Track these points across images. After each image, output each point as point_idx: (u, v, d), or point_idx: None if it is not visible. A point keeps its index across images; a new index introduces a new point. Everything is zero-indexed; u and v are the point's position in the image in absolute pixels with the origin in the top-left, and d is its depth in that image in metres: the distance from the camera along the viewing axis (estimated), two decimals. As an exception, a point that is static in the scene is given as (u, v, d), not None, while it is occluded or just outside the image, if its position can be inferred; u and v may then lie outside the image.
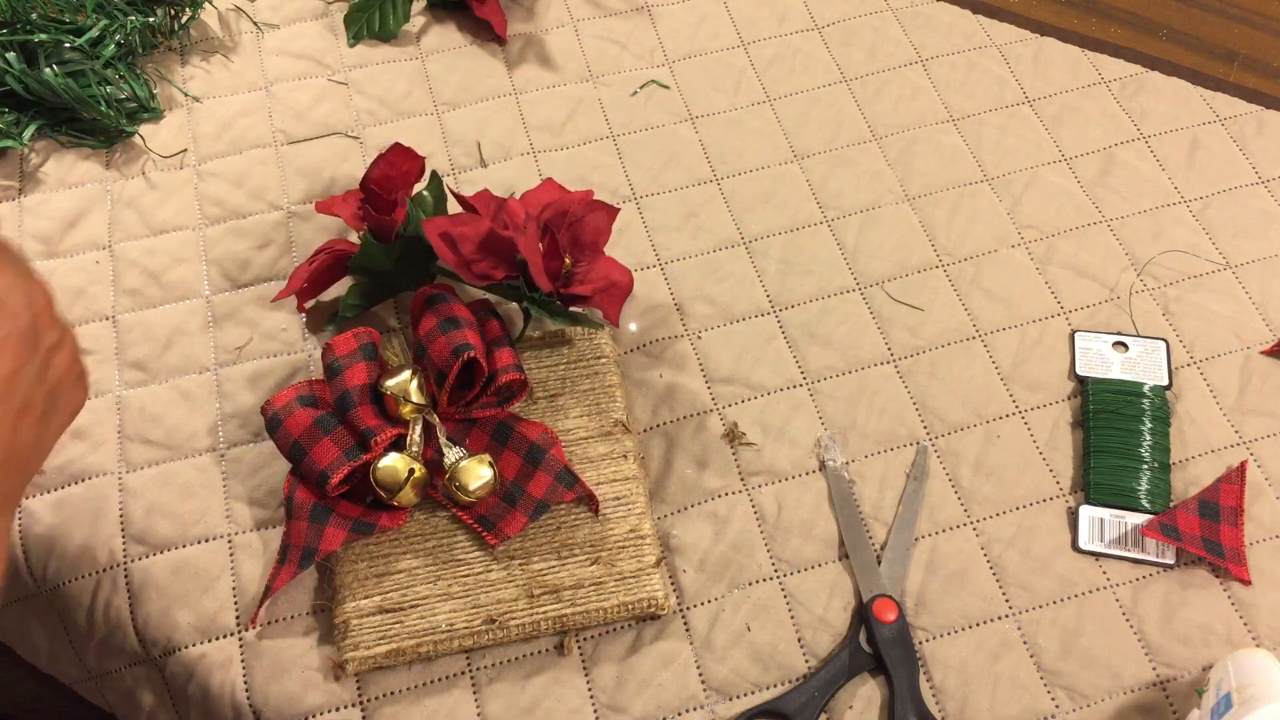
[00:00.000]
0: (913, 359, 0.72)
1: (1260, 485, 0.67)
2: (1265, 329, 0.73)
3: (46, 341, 0.48)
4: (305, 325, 0.73)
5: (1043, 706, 0.61)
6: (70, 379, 0.50)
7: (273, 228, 0.77)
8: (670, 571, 0.65)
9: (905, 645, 0.61)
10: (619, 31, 0.87)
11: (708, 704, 0.61)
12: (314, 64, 0.85)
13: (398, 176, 0.69)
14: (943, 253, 0.77)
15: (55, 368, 0.48)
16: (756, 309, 0.74)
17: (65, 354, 0.49)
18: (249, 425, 0.69)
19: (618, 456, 0.66)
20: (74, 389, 0.50)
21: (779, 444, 0.69)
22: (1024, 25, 0.88)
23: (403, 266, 0.70)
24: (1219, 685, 0.56)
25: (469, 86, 0.84)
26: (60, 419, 0.50)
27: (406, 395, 0.63)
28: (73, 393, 0.50)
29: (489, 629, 0.60)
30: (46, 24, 0.78)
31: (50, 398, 0.48)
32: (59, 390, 0.49)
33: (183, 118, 0.82)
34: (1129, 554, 0.65)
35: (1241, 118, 0.83)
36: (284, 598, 0.63)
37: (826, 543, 0.66)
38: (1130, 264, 0.76)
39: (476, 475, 0.62)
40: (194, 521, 0.66)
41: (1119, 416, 0.68)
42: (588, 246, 0.67)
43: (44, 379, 0.48)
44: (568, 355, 0.69)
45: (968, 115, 0.83)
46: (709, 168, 0.80)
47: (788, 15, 0.89)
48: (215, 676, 0.62)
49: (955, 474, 0.68)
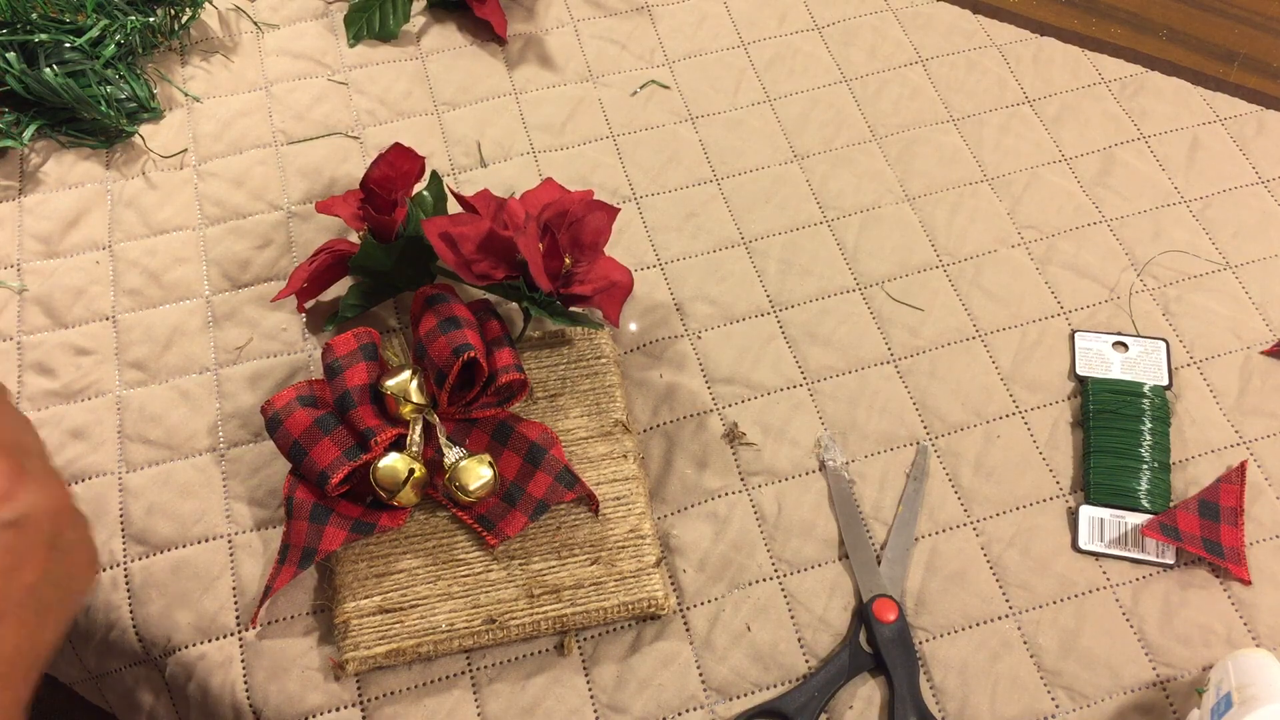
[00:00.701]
0: (913, 359, 0.72)
1: (1260, 485, 0.67)
2: (1265, 329, 0.73)
3: (67, 543, 0.49)
4: (305, 325, 0.73)
5: (1043, 706, 0.61)
6: (82, 565, 0.51)
7: (273, 228, 0.77)
8: (670, 571, 0.65)
9: (905, 645, 0.61)
10: (619, 31, 0.87)
11: (708, 704, 0.61)
12: (314, 64, 0.85)
13: (398, 176, 0.69)
14: (943, 253, 0.77)
15: (72, 563, 0.49)
16: (756, 309, 0.74)
17: (81, 547, 0.50)
18: (249, 425, 0.69)
19: (618, 456, 0.66)
20: (85, 573, 0.51)
21: (779, 444, 0.69)
22: (1024, 25, 0.88)
23: (403, 266, 0.70)
24: (1219, 685, 0.56)
25: (469, 86, 0.84)
26: (68, 613, 0.50)
27: (406, 395, 0.63)
28: (82, 579, 0.51)
29: (489, 629, 0.60)
30: (46, 24, 0.78)
31: (65, 593, 0.49)
32: (72, 579, 0.50)
33: (183, 118, 0.82)
34: (1129, 554, 0.65)
35: (1241, 118, 0.83)
36: (284, 598, 0.63)
37: (826, 543, 0.66)
38: (1130, 264, 0.76)
39: (476, 475, 0.62)
40: (194, 521, 0.66)
41: (1119, 416, 0.68)
42: (588, 246, 0.67)
43: (62, 578, 0.48)
44: (568, 355, 0.69)
45: (968, 115, 0.83)
46: (709, 168, 0.80)
47: (788, 15, 0.89)
48: (215, 676, 0.62)
49: (955, 474, 0.68)
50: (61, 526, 0.48)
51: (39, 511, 0.47)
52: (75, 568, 0.50)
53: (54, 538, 0.48)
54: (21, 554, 0.46)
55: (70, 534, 0.49)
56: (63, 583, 0.49)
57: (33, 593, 0.46)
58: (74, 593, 0.50)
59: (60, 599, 0.49)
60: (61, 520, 0.48)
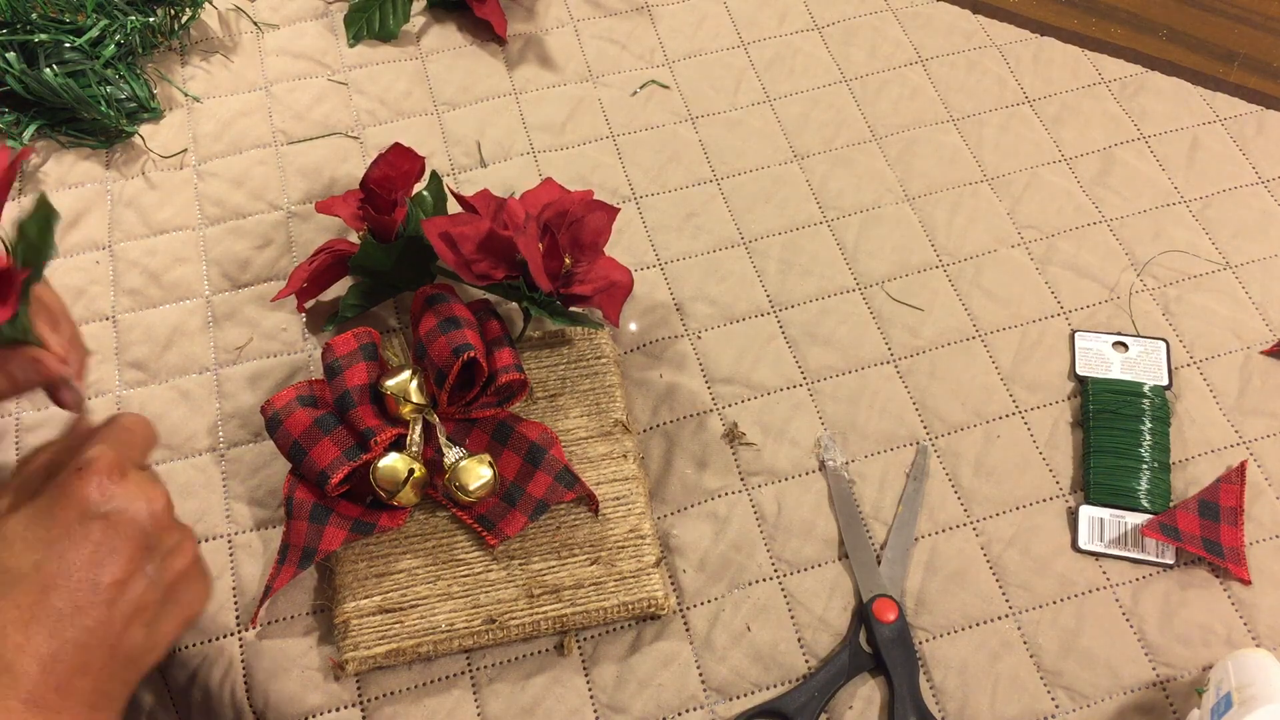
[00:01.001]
0: (913, 359, 0.72)
1: (1260, 485, 0.67)
2: (1265, 329, 0.73)
3: (164, 546, 0.50)
4: (305, 325, 0.73)
5: (1043, 706, 0.61)
6: (188, 579, 0.52)
7: (273, 228, 0.77)
8: (670, 571, 0.65)
9: (905, 645, 0.61)
10: (619, 31, 0.87)
11: (708, 704, 0.61)
12: (314, 64, 0.85)
13: (398, 176, 0.69)
14: (943, 253, 0.77)
15: (172, 570, 0.50)
16: (756, 309, 0.74)
17: (182, 558, 0.51)
18: (249, 425, 0.69)
19: (618, 456, 0.66)
20: (192, 588, 0.52)
21: (779, 444, 0.69)
22: (1024, 25, 0.88)
23: (403, 266, 0.70)
24: (1219, 685, 0.56)
25: (469, 86, 0.84)
26: (175, 620, 0.51)
27: (406, 395, 0.63)
28: (191, 592, 0.52)
29: (489, 629, 0.60)
30: (46, 24, 0.78)
31: (165, 599, 0.50)
32: (175, 592, 0.51)
33: (183, 118, 0.82)
34: (1129, 554, 0.65)
35: (1241, 118, 0.83)
36: (284, 598, 0.63)
37: (826, 543, 0.66)
38: (1130, 264, 0.76)
39: (476, 475, 0.62)
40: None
41: (1119, 416, 0.68)
42: (588, 246, 0.67)
43: (159, 581, 0.50)
44: (568, 355, 0.69)
45: (968, 115, 0.83)
46: (709, 168, 0.80)
47: (788, 15, 0.89)
48: (215, 676, 0.62)
49: (955, 474, 0.68)
50: (159, 529, 0.50)
51: (133, 509, 0.48)
52: (176, 576, 0.51)
53: (149, 538, 0.49)
54: (111, 548, 0.48)
55: (171, 539, 0.51)
56: (161, 587, 0.50)
57: (121, 589, 0.48)
58: (178, 603, 0.51)
59: (159, 605, 0.50)
60: (158, 523, 0.50)
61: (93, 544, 0.47)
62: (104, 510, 0.48)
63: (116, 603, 0.48)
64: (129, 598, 0.48)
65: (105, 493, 0.48)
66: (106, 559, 0.47)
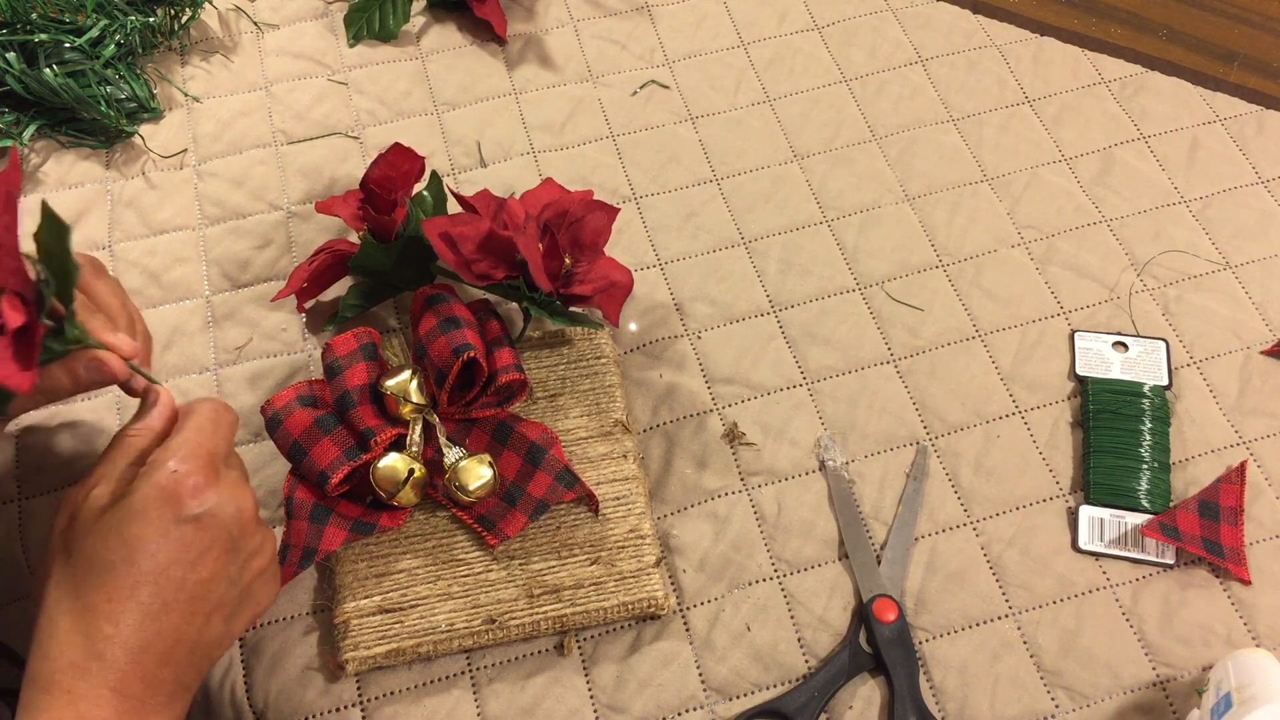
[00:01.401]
0: (913, 359, 0.72)
1: (1260, 485, 0.67)
2: (1265, 329, 0.73)
3: (248, 548, 0.52)
4: (305, 325, 0.73)
5: (1043, 706, 0.61)
6: (263, 579, 0.54)
7: (273, 228, 0.77)
8: (670, 571, 0.65)
9: (905, 645, 0.61)
10: (619, 31, 0.87)
11: (708, 704, 0.61)
12: (314, 64, 0.85)
13: (398, 176, 0.69)
14: (943, 253, 0.77)
15: (251, 570, 0.53)
16: (756, 309, 0.74)
17: (262, 558, 0.54)
18: (249, 425, 0.69)
19: (618, 456, 0.66)
20: (265, 586, 0.55)
21: (779, 444, 0.69)
22: (1024, 25, 0.88)
23: (403, 266, 0.70)
24: (1219, 685, 0.56)
25: (469, 86, 0.84)
26: (247, 615, 0.54)
27: (406, 395, 0.63)
28: (264, 590, 0.55)
29: (489, 629, 0.60)
30: (46, 24, 0.78)
31: (242, 596, 0.53)
32: (251, 589, 0.53)
33: (183, 118, 0.82)
34: (1129, 554, 0.65)
35: (1241, 118, 0.83)
36: (284, 598, 0.63)
37: (826, 543, 0.66)
38: (1130, 264, 0.76)
39: (476, 475, 0.62)
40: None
41: (1119, 416, 0.68)
42: (588, 246, 0.67)
43: (240, 581, 0.52)
44: (568, 355, 0.69)
45: (968, 115, 0.83)
46: (709, 168, 0.80)
47: (788, 15, 0.89)
48: (215, 676, 0.62)
49: (955, 474, 0.68)
50: (245, 532, 0.52)
51: (224, 513, 0.50)
52: (254, 575, 0.53)
53: (235, 541, 0.51)
54: (201, 549, 0.50)
55: (251, 542, 0.52)
56: (240, 585, 0.52)
57: (205, 587, 0.50)
58: (252, 600, 0.54)
59: (237, 601, 0.53)
60: (245, 527, 0.52)
61: (184, 545, 0.49)
62: (196, 514, 0.49)
63: (201, 600, 0.50)
64: (212, 596, 0.50)
65: (199, 497, 0.50)
66: (196, 560, 0.49)
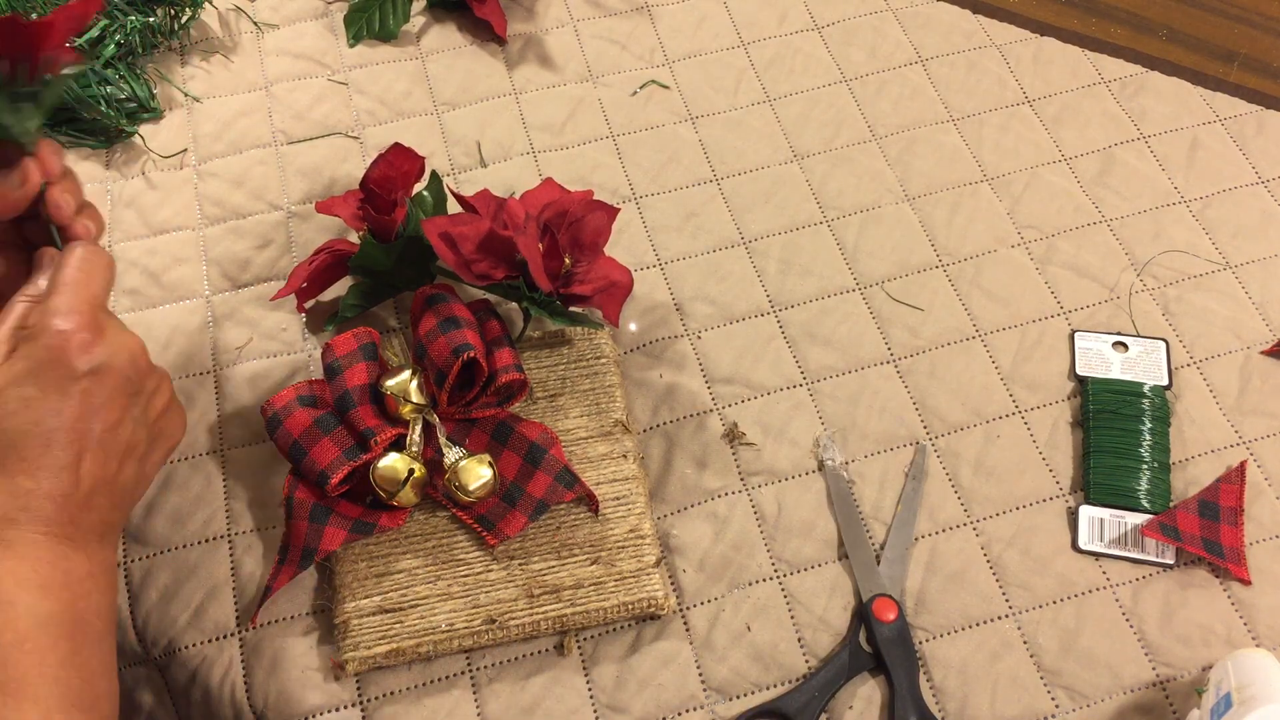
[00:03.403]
0: (913, 359, 0.72)
1: (1260, 485, 0.67)
2: (1265, 329, 0.73)
3: (147, 389, 0.54)
4: (305, 325, 0.73)
5: (1043, 706, 0.61)
6: (168, 416, 0.57)
7: (273, 228, 0.77)
8: (670, 571, 0.65)
9: (905, 645, 0.61)
10: (619, 31, 0.87)
11: (708, 704, 0.61)
12: (314, 64, 0.85)
13: (398, 176, 0.69)
14: (943, 253, 0.77)
15: (154, 409, 0.55)
16: (756, 309, 0.74)
17: (162, 396, 0.56)
18: (249, 425, 0.69)
19: (618, 456, 0.66)
20: (172, 424, 0.57)
21: (779, 444, 0.69)
22: (1024, 25, 0.88)
23: (403, 266, 0.70)
24: (1219, 685, 0.56)
25: (469, 86, 0.84)
26: (160, 452, 0.57)
27: (406, 395, 0.63)
28: (172, 424, 0.57)
29: (489, 629, 0.60)
30: (46, 24, 0.78)
31: (152, 436, 0.55)
32: (160, 427, 0.56)
33: (183, 118, 0.82)
34: (1129, 554, 0.65)
35: (1241, 118, 0.83)
36: (284, 598, 0.63)
37: (826, 543, 0.66)
38: (1130, 264, 0.76)
39: (476, 475, 0.62)
40: (194, 521, 0.66)
41: (1119, 416, 0.68)
42: (588, 246, 0.67)
43: (145, 420, 0.55)
44: (568, 355, 0.69)
45: (968, 115, 0.83)
46: (709, 168, 0.80)
47: (788, 15, 0.89)
48: (215, 676, 0.62)
49: (955, 474, 0.68)
50: (141, 374, 0.54)
51: (117, 362, 0.52)
52: (159, 413, 0.56)
53: (133, 384, 0.53)
54: (102, 399, 0.52)
55: (149, 383, 0.55)
56: (147, 425, 0.55)
57: (114, 433, 0.52)
58: (163, 436, 0.56)
59: (148, 440, 0.55)
60: (140, 369, 0.54)
61: (85, 399, 0.51)
62: (91, 368, 0.51)
63: (112, 446, 0.52)
64: (122, 440, 0.53)
65: (89, 352, 0.51)
66: (100, 410, 0.51)
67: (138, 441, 0.54)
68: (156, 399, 0.55)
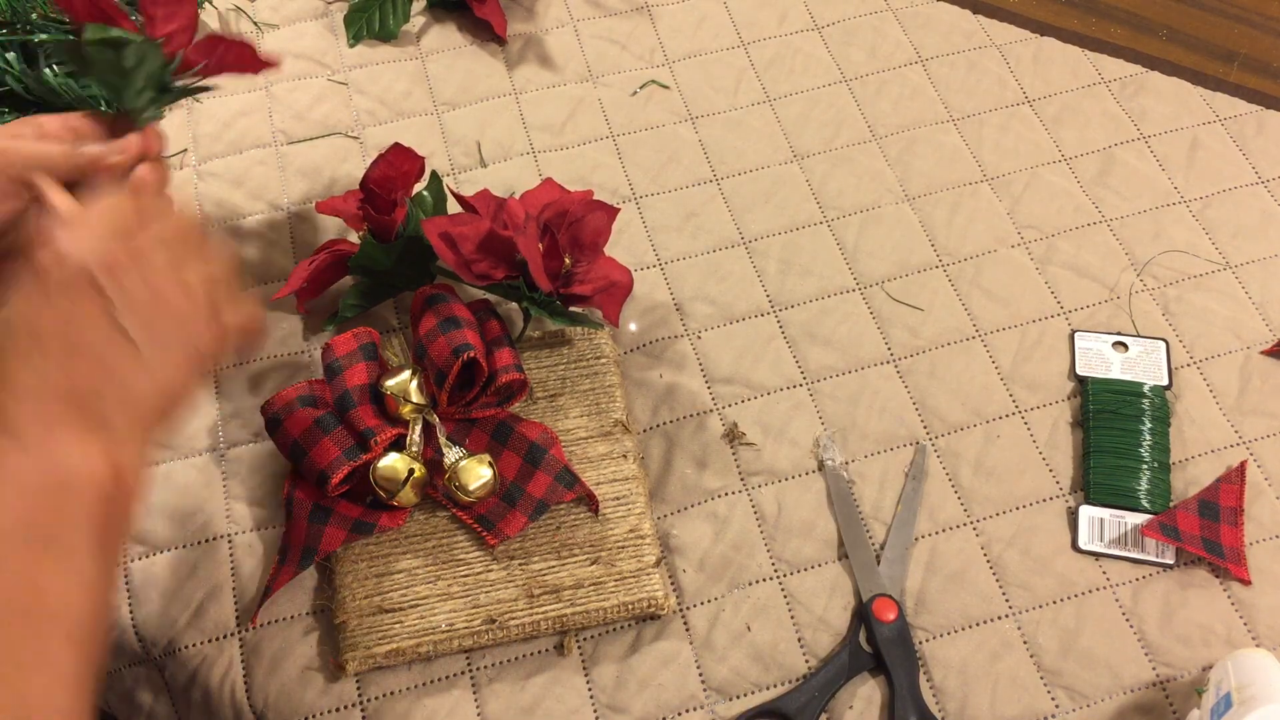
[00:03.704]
0: (913, 359, 0.72)
1: (1260, 485, 0.67)
2: (1265, 329, 0.73)
3: (151, 214, 0.50)
4: (305, 325, 0.73)
5: (1043, 706, 0.61)
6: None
7: (273, 228, 0.77)
8: (670, 571, 0.65)
9: (905, 645, 0.61)
10: (619, 31, 0.87)
11: (708, 704, 0.61)
12: (314, 64, 0.85)
13: (398, 176, 0.69)
14: (943, 253, 0.77)
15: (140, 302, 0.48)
16: (756, 309, 0.74)
17: (171, 223, 0.51)
18: (249, 425, 0.69)
19: (618, 456, 0.66)
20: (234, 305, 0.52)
21: (779, 444, 0.69)
22: (1024, 25, 0.88)
23: (403, 266, 0.70)
24: (1219, 685, 0.56)
25: (469, 86, 0.84)
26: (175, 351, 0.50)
27: (406, 395, 0.63)
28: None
29: (489, 629, 0.60)
30: (46, 24, 0.78)
31: (149, 330, 0.48)
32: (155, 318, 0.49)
33: (183, 118, 0.82)
34: (1129, 554, 0.65)
35: (1241, 118, 0.83)
36: (284, 598, 0.63)
37: (826, 543, 0.66)
38: (1130, 264, 0.76)
39: (476, 475, 0.62)
40: (194, 521, 0.66)
41: (1119, 416, 0.68)
42: (588, 246, 0.67)
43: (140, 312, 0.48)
44: (568, 355, 0.69)
45: (968, 115, 0.83)
46: (709, 168, 0.80)
47: (788, 15, 0.89)
48: (215, 676, 0.62)
49: (955, 474, 0.68)
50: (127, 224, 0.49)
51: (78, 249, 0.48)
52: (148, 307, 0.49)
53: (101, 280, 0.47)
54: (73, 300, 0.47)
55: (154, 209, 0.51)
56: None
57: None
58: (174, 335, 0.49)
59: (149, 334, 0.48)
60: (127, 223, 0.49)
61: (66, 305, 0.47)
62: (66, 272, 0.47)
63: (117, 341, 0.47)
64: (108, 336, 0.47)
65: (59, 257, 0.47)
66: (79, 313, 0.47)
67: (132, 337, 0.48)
68: (161, 224, 0.50)
